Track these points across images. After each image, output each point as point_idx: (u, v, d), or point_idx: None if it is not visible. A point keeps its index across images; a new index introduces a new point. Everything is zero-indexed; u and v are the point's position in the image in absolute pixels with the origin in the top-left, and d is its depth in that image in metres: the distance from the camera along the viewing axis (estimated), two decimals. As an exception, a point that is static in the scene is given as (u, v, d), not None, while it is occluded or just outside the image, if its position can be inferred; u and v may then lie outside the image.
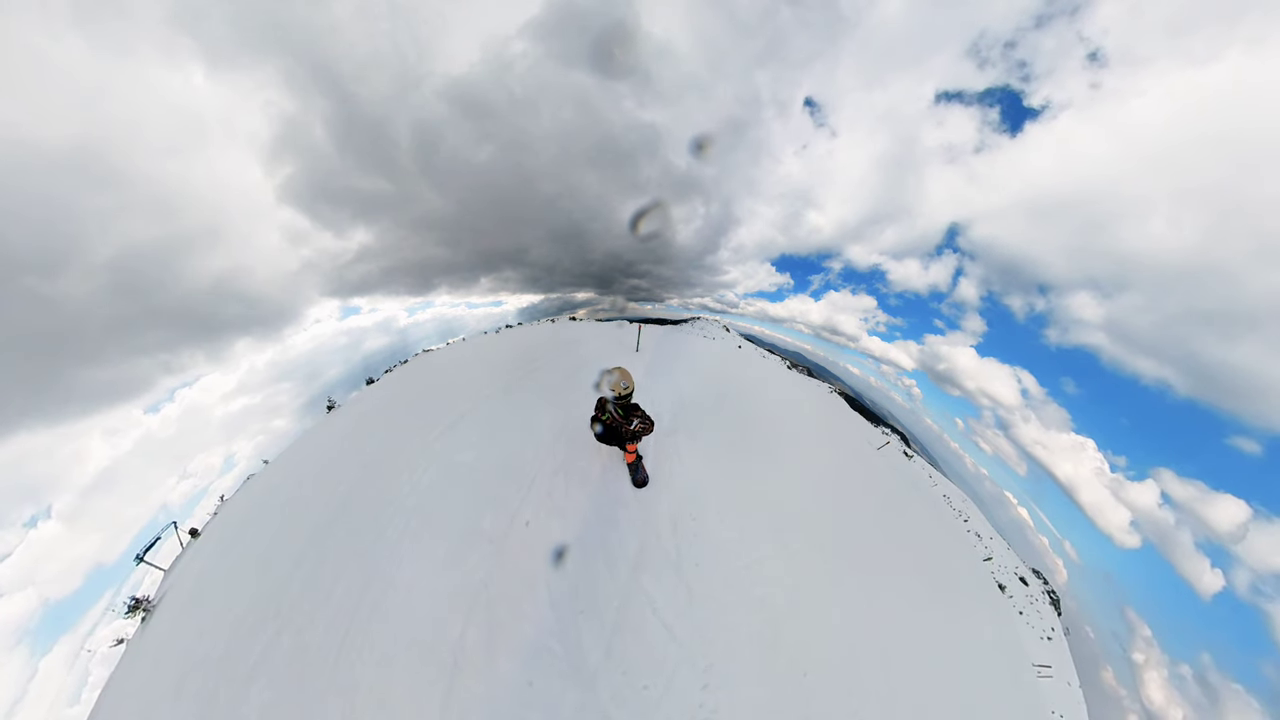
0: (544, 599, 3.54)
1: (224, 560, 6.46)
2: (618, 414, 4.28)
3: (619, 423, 4.30)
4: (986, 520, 23.72)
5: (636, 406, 4.32)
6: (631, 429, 4.22)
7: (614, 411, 4.30)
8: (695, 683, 3.23)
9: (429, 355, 12.81)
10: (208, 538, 8.55)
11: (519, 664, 3.16)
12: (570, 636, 3.35)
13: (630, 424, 4.22)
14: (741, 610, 3.87)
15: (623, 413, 4.26)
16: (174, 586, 7.27)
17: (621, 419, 4.27)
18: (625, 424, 4.25)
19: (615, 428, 4.40)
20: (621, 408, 4.26)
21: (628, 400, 4.25)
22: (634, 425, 4.21)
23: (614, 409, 4.30)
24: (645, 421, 4.24)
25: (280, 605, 4.05)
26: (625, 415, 4.26)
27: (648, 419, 4.27)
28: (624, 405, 4.26)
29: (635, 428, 4.21)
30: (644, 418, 4.26)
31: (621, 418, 4.27)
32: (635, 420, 4.22)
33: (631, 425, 4.21)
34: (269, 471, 9.50)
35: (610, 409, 4.35)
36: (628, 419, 4.24)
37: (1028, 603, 19.47)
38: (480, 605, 3.43)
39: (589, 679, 3.15)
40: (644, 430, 4.24)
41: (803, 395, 15.61)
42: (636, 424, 4.21)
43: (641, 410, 4.31)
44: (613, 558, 3.96)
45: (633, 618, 3.52)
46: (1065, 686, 16.04)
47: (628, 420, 4.24)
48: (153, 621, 6.50)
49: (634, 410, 4.28)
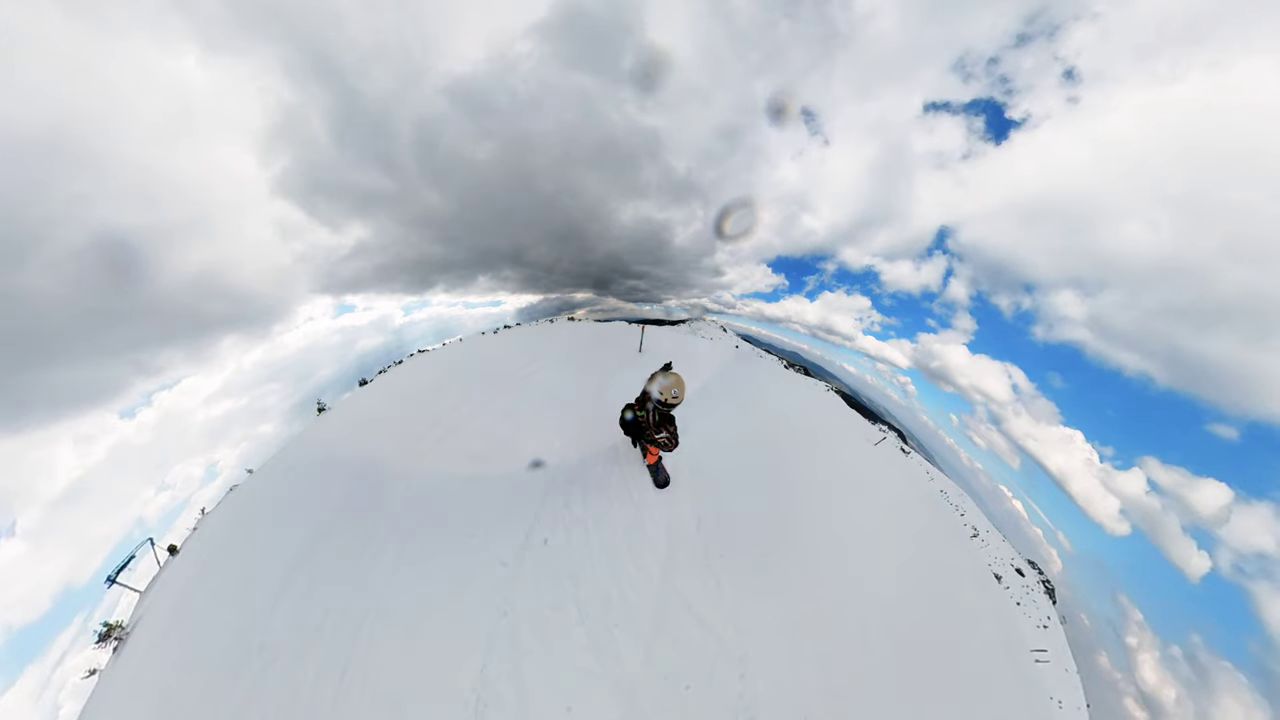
0: (573, 617, 3.28)
1: (204, 583, 6.00)
2: (654, 417, 4.20)
3: (649, 425, 4.23)
4: (982, 513, 24.05)
5: (673, 420, 4.24)
6: (656, 436, 4.15)
7: (651, 413, 4.22)
8: (733, 673, 3.19)
9: (425, 356, 12.35)
10: (186, 555, 8.02)
11: (553, 692, 2.90)
12: (607, 651, 3.11)
13: (659, 431, 4.16)
14: (768, 596, 3.90)
15: (658, 419, 4.19)
16: (150, 611, 6.76)
17: (653, 424, 4.20)
18: (654, 430, 4.19)
19: (642, 425, 4.32)
20: (659, 414, 4.19)
21: (670, 409, 4.17)
22: (661, 435, 4.15)
23: (653, 410, 4.21)
24: (672, 438, 4.17)
25: (266, 637, 3.67)
26: (659, 422, 4.19)
27: (675, 436, 4.19)
28: (663, 412, 4.18)
29: (660, 438, 4.15)
30: (673, 434, 4.19)
31: (654, 423, 4.20)
32: (665, 432, 4.16)
33: (659, 434, 4.15)
34: (253, 482, 8.98)
35: (650, 409, 4.25)
36: (659, 426, 4.18)
37: (1024, 593, 19.78)
38: (501, 634, 3.14)
39: (629, 691, 2.92)
40: (666, 445, 4.16)
41: (802, 394, 15.56)
42: (664, 436, 4.15)
43: (675, 426, 4.23)
44: (643, 562, 3.76)
45: (669, 619, 3.37)
46: (1063, 672, 16.32)
47: (658, 428, 4.18)
48: (126, 651, 6.01)
49: (669, 423, 4.22)
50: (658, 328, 17.28)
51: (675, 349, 11.45)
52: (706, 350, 13.74)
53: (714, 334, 25.30)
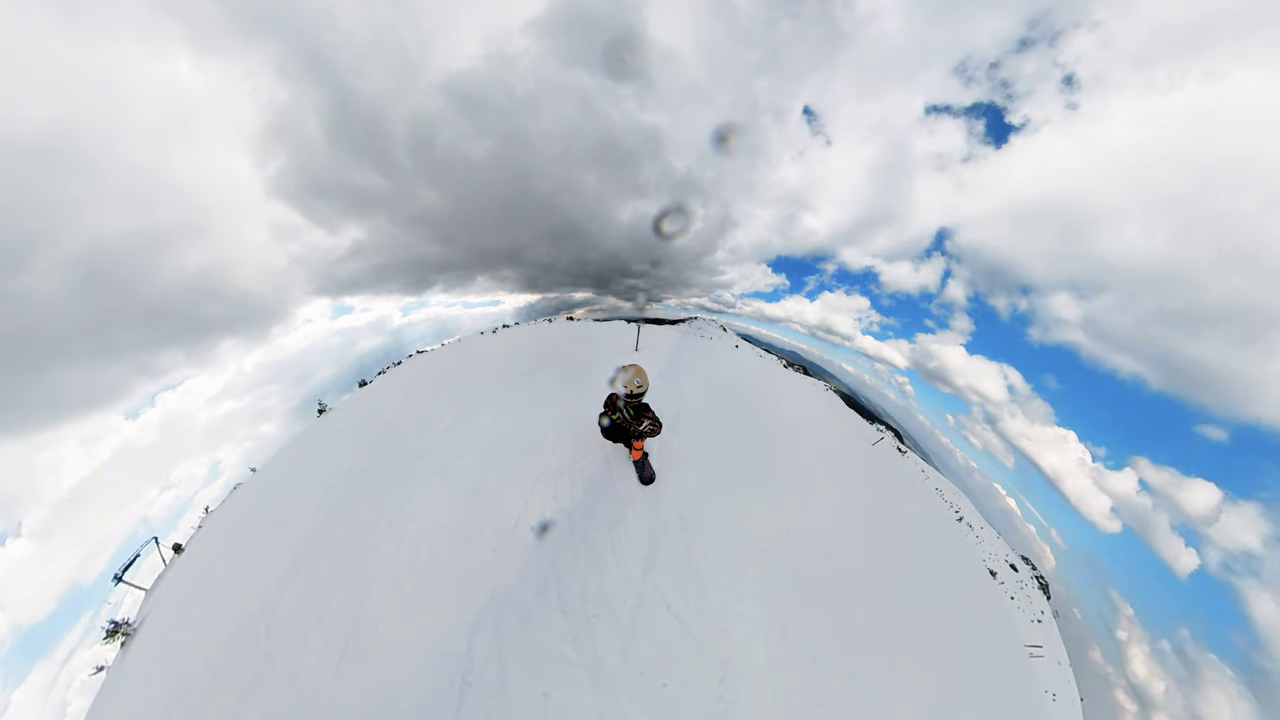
0: (554, 605, 3.40)
1: (208, 578, 6.15)
2: (628, 413, 4.22)
3: (628, 422, 4.24)
4: (977, 511, 24.20)
5: (647, 407, 4.25)
6: (640, 429, 4.16)
7: (624, 410, 4.24)
8: (713, 674, 3.23)
9: (423, 356, 12.48)
10: (191, 554, 8.17)
11: (532, 675, 3.03)
12: (585, 642, 3.23)
13: (640, 424, 4.16)
14: (751, 599, 3.93)
15: (633, 412, 4.21)
16: (156, 608, 6.92)
17: (631, 418, 4.21)
18: (634, 423, 4.19)
19: (624, 426, 4.33)
20: (632, 407, 4.20)
21: (640, 400, 4.19)
22: (643, 426, 4.15)
23: (625, 408, 4.24)
24: (654, 423, 4.18)
25: (270, 623, 3.82)
26: (635, 415, 4.20)
27: (657, 421, 4.20)
28: (635, 405, 4.20)
29: (644, 428, 4.15)
30: (653, 419, 4.19)
31: (631, 417, 4.21)
32: (645, 421, 4.16)
33: (641, 425, 4.15)
34: (256, 480, 9.13)
35: (621, 407, 4.28)
36: (638, 418, 4.19)
37: (1018, 588, 19.91)
38: (488, 616, 3.28)
39: (607, 684, 3.03)
40: (652, 432, 4.18)
41: (800, 393, 15.66)
42: (646, 425, 4.15)
43: (652, 412, 4.24)
44: (624, 558, 3.86)
45: (647, 616, 3.45)
46: (1056, 666, 16.49)
47: (637, 420, 4.18)
48: (134, 647, 6.16)
49: (644, 411, 4.22)
50: (656, 326, 17.38)
51: (675, 349, 11.55)
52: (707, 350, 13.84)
53: (714, 333, 25.38)
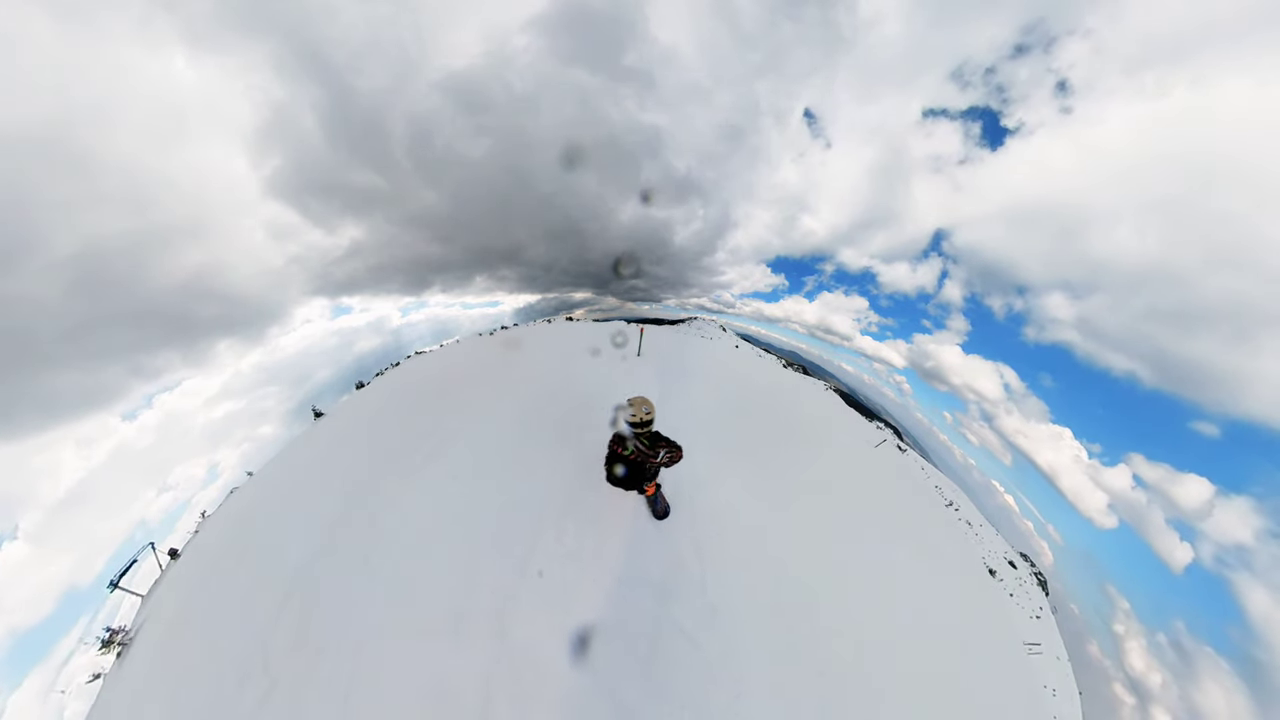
0: (567, 644, 3.27)
1: (205, 589, 6.03)
2: (643, 446, 3.69)
3: (645, 456, 3.70)
4: (976, 508, 24.30)
5: (659, 434, 3.76)
6: (660, 461, 3.66)
7: (638, 445, 3.69)
8: (728, 693, 3.28)
9: (422, 357, 12.32)
10: (188, 560, 8.05)
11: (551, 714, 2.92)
12: (603, 674, 3.15)
13: (658, 456, 3.65)
14: (763, 618, 3.92)
15: (648, 443, 3.70)
16: (152, 616, 6.80)
17: (647, 451, 3.68)
18: (652, 457, 3.66)
19: (641, 463, 3.80)
20: (645, 438, 3.70)
21: (649, 428, 3.69)
22: (662, 456, 3.64)
23: (636, 443, 3.70)
24: (673, 449, 3.68)
25: (269, 655, 3.65)
26: (651, 446, 3.69)
27: (675, 446, 3.70)
28: (647, 435, 3.70)
29: (664, 459, 3.65)
30: (671, 445, 3.69)
31: (647, 449, 3.68)
32: (663, 450, 3.65)
33: (659, 457, 3.64)
34: (252, 485, 8.99)
35: (633, 444, 3.72)
36: (654, 450, 3.67)
37: (1017, 585, 20.03)
38: (502, 664, 3.10)
39: (629, 713, 2.97)
40: (674, 459, 3.69)
41: (801, 393, 15.58)
42: (665, 454, 3.64)
43: (666, 438, 3.74)
44: (637, 594, 3.69)
45: (665, 648, 3.37)
46: (1055, 661, 16.62)
47: (654, 452, 3.66)
48: (130, 657, 6.06)
49: (659, 440, 3.71)
50: (656, 327, 17.22)
51: (679, 353, 11.40)
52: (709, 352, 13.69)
53: (713, 333, 25.22)
